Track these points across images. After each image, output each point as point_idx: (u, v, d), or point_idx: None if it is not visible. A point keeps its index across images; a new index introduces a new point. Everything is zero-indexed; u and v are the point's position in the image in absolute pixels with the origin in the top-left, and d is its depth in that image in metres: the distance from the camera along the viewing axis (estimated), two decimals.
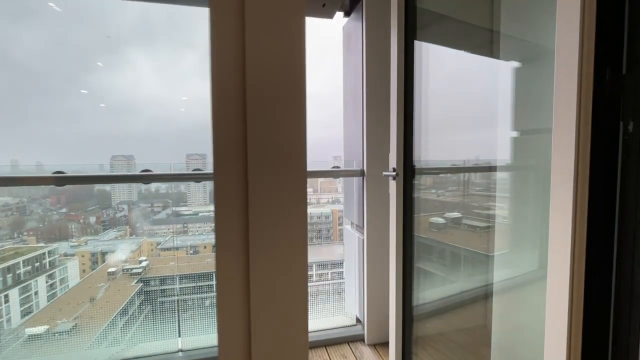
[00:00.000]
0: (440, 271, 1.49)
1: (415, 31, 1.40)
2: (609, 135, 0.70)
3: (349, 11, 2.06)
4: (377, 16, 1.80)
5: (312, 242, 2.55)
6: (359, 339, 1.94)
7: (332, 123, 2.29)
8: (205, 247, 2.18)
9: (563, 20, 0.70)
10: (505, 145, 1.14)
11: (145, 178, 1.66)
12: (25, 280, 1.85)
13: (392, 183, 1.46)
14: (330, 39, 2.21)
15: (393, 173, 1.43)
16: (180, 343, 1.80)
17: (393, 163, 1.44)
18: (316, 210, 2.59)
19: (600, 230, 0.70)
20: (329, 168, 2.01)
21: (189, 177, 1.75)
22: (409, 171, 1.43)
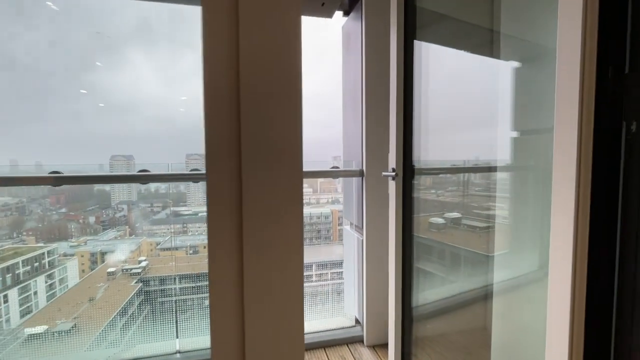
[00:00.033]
0: (440, 272, 1.48)
1: (414, 31, 1.39)
2: (611, 134, 0.69)
3: (348, 10, 2.05)
4: (377, 15, 1.79)
5: (312, 243, 2.53)
6: (358, 341, 1.93)
7: (332, 123, 2.28)
8: (204, 248, 2.16)
9: (565, 18, 0.69)
10: (505, 145, 1.13)
11: (142, 178, 1.66)
12: (25, 280, 1.85)
13: (392, 183, 1.45)
14: (330, 39, 2.20)
15: (392, 173, 1.42)
16: (178, 344, 1.79)
17: (392, 163, 1.43)
18: (316, 210, 2.58)
19: (602, 230, 0.70)
20: (328, 168, 2.00)
21: (187, 177, 1.74)
22: (408, 171, 1.42)
